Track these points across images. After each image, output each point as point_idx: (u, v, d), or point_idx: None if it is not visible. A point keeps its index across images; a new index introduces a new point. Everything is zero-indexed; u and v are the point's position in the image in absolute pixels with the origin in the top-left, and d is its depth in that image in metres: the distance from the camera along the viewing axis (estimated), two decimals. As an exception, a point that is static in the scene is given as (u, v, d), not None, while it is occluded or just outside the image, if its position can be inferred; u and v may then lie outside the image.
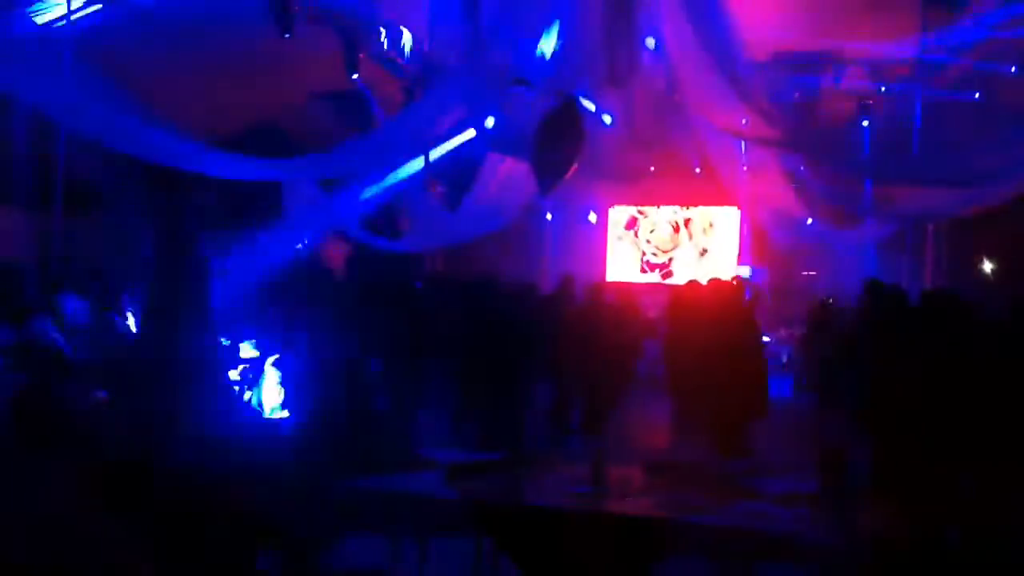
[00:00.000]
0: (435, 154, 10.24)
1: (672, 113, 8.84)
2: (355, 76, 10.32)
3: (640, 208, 14.50)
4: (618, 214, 14.65)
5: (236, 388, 4.92)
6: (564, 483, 4.11)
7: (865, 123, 10.16)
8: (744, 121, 6.41)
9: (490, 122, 6.34)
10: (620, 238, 14.72)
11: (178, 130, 5.92)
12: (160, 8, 8.86)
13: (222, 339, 4.83)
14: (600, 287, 9.25)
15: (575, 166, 4.24)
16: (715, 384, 5.82)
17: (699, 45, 5.64)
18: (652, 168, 11.14)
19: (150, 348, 4.47)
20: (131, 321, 6.41)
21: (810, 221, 9.31)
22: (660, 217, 14.41)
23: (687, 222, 14.29)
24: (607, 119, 6.61)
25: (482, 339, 5.92)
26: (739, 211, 12.64)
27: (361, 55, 9.95)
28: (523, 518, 3.88)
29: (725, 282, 7.08)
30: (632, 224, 14.58)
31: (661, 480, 4.22)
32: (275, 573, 4.42)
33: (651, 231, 14.50)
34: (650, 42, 5.00)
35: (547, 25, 4.52)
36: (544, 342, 6.08)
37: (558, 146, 4.15)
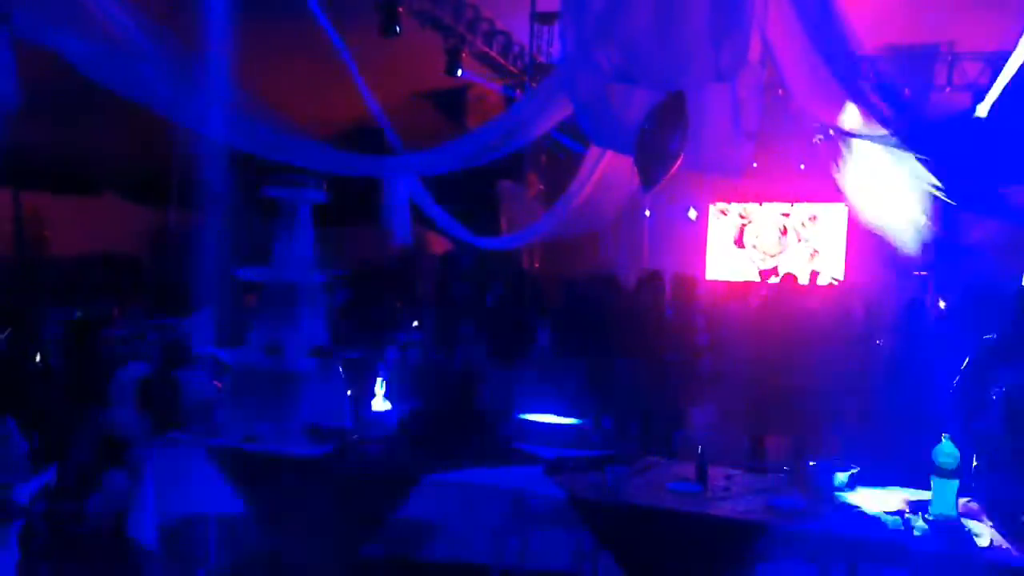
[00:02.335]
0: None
1: (776, 107, 8.62)
2: (459, 73, 10.44)
3: (744, 215, 14.21)
4: (719, 211, 14.41)
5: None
6: (667, 482, 4.09)
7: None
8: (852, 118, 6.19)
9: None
10: (721, 236, 14.48)
11: (286, 126, 6.12)
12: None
13: (332, 335, 4.98)
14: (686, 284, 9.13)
15: (680, 162, 4.20)
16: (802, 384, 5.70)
17: (805, 37, 5.49)
18: (755, 164, 10.89)
19: (266, 343, 4.66)
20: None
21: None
22: (765, 220, 14.09)
23: (788, 221, 13.96)
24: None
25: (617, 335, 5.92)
26: (846, 208, 12.28)
27: (463, 54, 10.07)
28: (625, 516, 3.88)
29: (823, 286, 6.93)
30: (740, 240, 14.28)
31: (764, 482, 4.16)
32: (379, 562, 4.55)
33: (756, 236, 14.21)
34: None
35: (653, 20, 4.47)
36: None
37: (663, 141, 4.12)
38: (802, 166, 11.04)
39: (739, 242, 14.13)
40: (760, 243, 14.16)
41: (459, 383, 4.85)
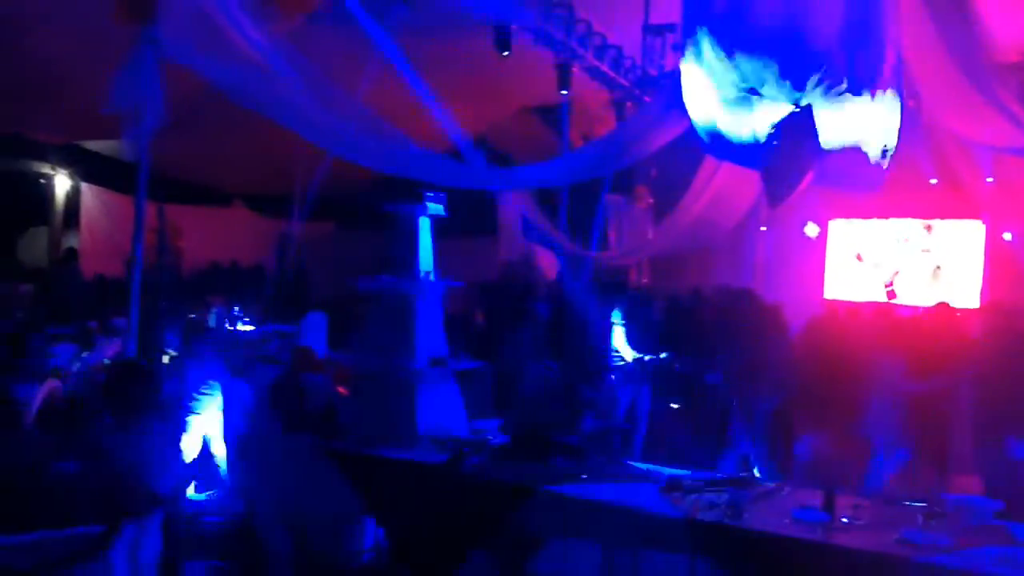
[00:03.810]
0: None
1: (908, 120, 8.24)
2: (564, 92, 10.45)
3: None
4: (841, 227, 13.83)
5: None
6: (791, 509, 3.94)
7: None
8: (991, 129, 5.88)
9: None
10: (844, 254, 13.89)
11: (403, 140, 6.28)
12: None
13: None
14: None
15: (809, 176, 4.08)
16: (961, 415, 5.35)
17: (942, 47, 5.25)
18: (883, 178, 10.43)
19: (385, 352, 4.77)
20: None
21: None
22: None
23: (934, 258, 13.28)
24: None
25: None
26: (983, 226, 11.59)
27: (574, 69, 10.06)
28: (747, 541, 3.76)
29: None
30: (893, 294, 13.59)
31: (898, 515, 3.95)
32: (491, 568, 4.57)
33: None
34: None
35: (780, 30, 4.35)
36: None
37: (792, 156, 4.00)
38: (933, 181, 10.50)
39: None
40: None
41: (573, 398, 4.83)
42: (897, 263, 13.41)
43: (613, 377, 6.52)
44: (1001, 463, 4.98)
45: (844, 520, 3.80)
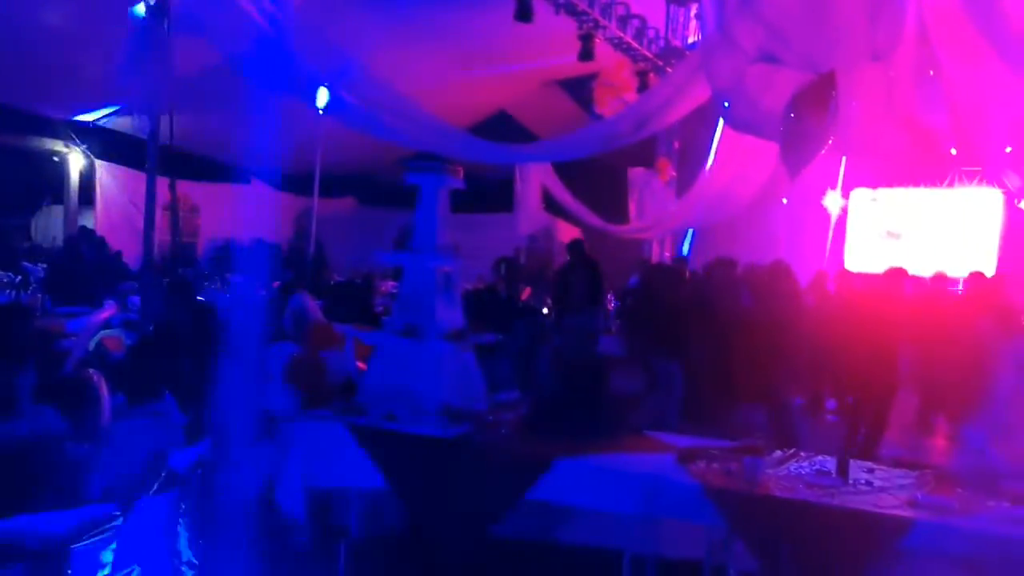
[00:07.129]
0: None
1: (928, 88, 8.12)
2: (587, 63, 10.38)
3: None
4: (862, 197, 13.68)
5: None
6: (805, 474, 3.98)
7: None
8: (1012, 99, 5.77)
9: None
10: (863, 225, 13.74)
11: (424, 115, 6.28)
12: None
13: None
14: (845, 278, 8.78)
15: (827, 146, 4.03)
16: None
17: (964, 14, 5.15)
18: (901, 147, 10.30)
19: (403, 326, 4.78)
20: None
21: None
22: (905, 199, 13.28)
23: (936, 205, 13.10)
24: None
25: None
26: (1003, 194, 11.45)
27: (597, 39, 9.99)
28: (761, 507, 3.79)
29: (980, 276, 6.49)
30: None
31: (909, 478, 3.99)
32: (510, 541, 4.60)
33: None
34: None
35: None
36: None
37: (810, 125, 3.96)
38: (953, 150, 10.35)
39: None
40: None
41: (592, 370, 4.84)
42: (919, 232, 13.27)
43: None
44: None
45: (857, 484, 3.85)
